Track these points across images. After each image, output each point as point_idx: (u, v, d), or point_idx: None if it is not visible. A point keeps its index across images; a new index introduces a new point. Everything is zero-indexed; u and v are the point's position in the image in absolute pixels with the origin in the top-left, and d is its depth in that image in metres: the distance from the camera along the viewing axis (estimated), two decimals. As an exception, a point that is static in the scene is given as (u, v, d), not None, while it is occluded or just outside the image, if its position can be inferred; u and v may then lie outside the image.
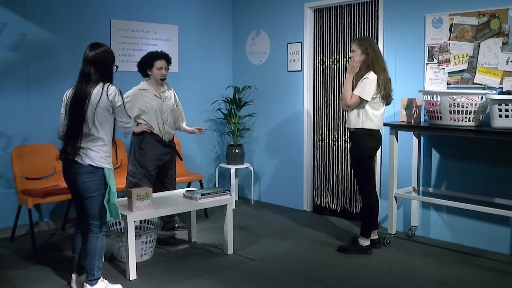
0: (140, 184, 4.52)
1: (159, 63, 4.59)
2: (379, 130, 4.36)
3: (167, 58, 4.67)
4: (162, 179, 4.80)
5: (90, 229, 3.48)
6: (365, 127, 4.26)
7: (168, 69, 4.70)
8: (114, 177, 3.46)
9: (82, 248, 3.57)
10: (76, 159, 3.35)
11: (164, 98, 4.65)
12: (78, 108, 3.32)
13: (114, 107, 3.37)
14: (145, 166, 4.58)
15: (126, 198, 4.07)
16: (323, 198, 5.85)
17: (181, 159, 4.99)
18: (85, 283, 3.50)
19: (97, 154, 3.36)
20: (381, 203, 4.79)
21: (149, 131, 4.56)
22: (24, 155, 4.86)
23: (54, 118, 3.61)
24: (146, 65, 4.61)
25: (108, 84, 3.38)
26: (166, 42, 6.01)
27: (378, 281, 3.86)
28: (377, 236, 4.56)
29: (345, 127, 5.52)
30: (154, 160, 4.62)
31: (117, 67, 3.51)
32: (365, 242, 4.43)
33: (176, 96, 4.85)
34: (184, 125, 4.92)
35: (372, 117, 4.24)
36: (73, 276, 3.67)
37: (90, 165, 3.35)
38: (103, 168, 3.38)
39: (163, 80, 4.66)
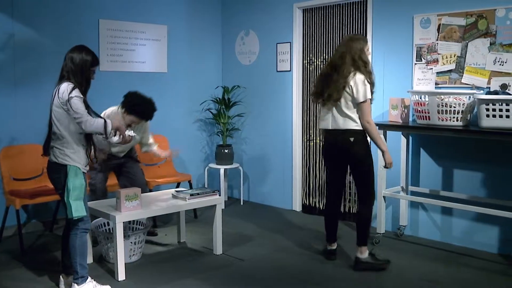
0: (96, 178, 4.56)
1: (135, 119, 4.43)
2: (324, 131, 4.11)
3: (148, 119, 4.52)
4: (126, 175, 4.77)
5: (69, 227, 3.50)
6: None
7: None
8: (80, 176, 3.39)
9: (66, 247, 3.57)
10: (49, 156, 3.45)
11: (133, 129, 4.45)
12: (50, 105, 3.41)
13: (63, 103, 3.30)
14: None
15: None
16: (313, 198, 5.86)
17: (139, 162, 4.93)
18: (72, 283, 3.49)
19: (60, 151, 3.38)
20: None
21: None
22: (11, 155, 4.81)
23: (42, 118, 3.58)
24: (126, 107, 4.42)
25: (64, 82, 3.34)
26: (154, 42, 5.99)
27: (366, 280, 3.87)
28: (335, 247, 4.32)
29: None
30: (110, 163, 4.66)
31: (94, 72, 3.45)
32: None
33: (148, 125, 4.72)
34: (155, 149, 4.83)
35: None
36: (61, 277, 3.65)
37: (54, 162, 3.40)
38: (66, 166, 3.37)
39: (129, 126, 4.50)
